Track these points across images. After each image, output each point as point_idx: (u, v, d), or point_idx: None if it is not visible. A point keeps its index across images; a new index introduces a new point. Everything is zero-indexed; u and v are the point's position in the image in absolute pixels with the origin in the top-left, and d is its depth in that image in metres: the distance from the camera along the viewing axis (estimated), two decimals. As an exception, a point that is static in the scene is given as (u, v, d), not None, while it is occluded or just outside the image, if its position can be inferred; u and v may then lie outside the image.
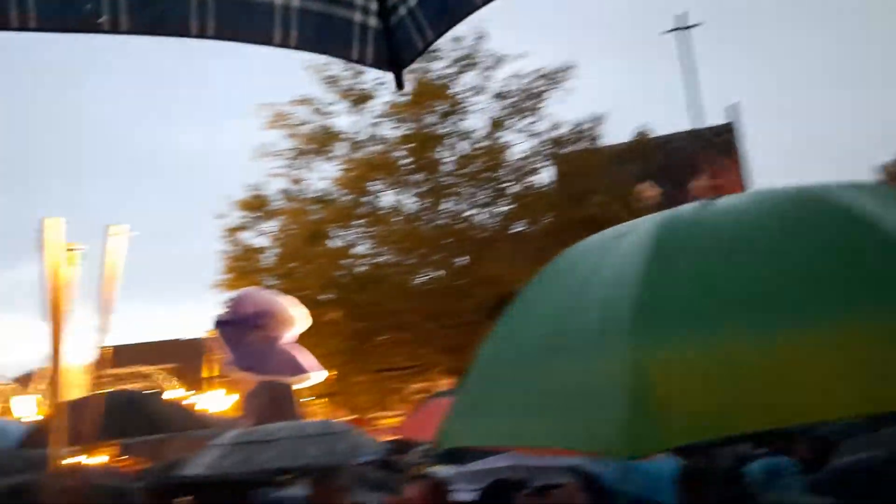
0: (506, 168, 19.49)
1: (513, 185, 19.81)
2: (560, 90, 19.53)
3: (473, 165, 19.22)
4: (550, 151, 19.78)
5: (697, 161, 19.02)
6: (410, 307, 17.83)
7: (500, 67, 19.49)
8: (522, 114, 19.59)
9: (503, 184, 19.62)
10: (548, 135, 19.68)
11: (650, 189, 19.48)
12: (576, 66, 19.61)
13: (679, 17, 19.30)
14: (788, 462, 4.25)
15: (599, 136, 19.90)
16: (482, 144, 19.43)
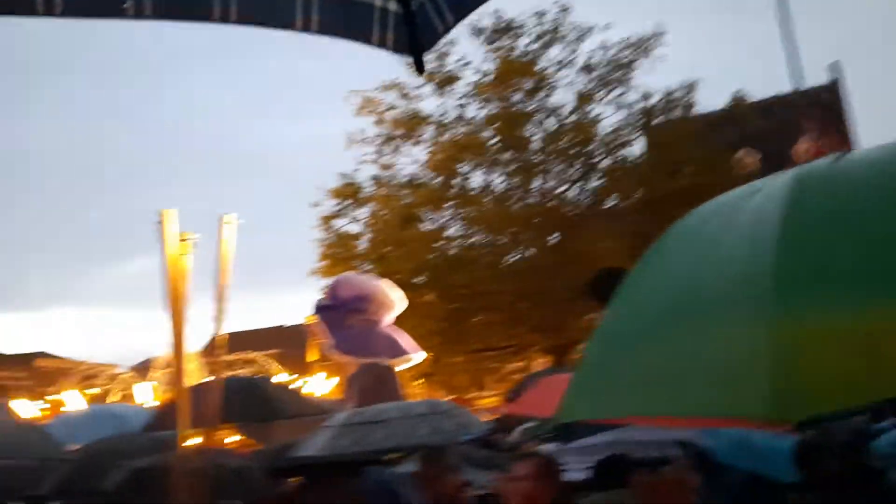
0: (595, 142, 19.14)
1: (603, 160, 19.46)
2: (649, 58, 19.04)
3: (562, 141, 18.97)
4: (641, 123, 19.30)
5: (799, 124, 18.11)
6: (503, 287, 17.80)
7: (586, 40, 19.16)
8: (611, 86, 19.18)
9: (593, 158, 19.30)
10: (638, 106, 19.23)
11: (749, 156, 18.67)
12: (665, 33, 19.05)
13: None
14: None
15: (692, 104, 19.29)
16: (570, 119, 19.13)
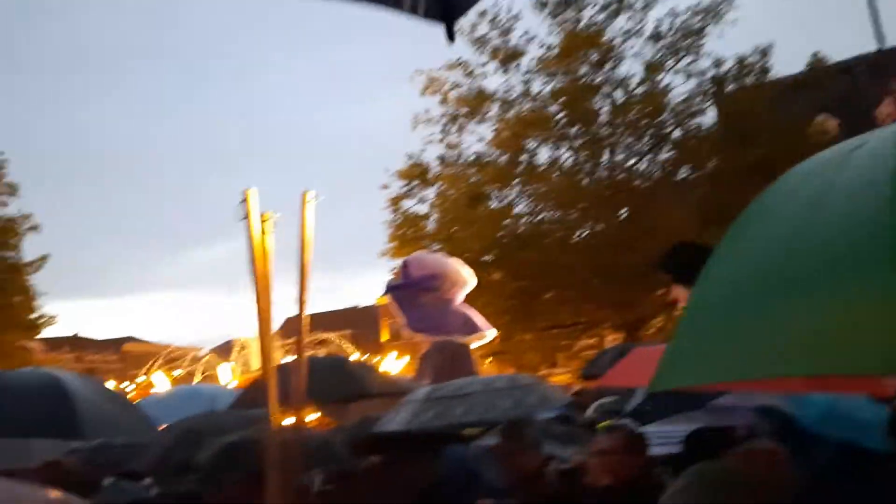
0: (665, 113, 18.69)
1: (674, 131, 19.01)
2: (720, 24, 18.43)
3: (631, 113, 18.58)
4: (713, 91, 18.74)
5: (882, 87, 17.26)
6: (573, 263, 17.63)
7: (653, 7, 18.68)
8: (680, 54, 18.67)
9: (663, 130, 18.87)
10: (709, 73, 18.68)
11: (828, 121, 17.93)
12: (737, -5, 18.37)
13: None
14: None
15: (767, 69, 18.62)
16: (639, 90, 18.72)
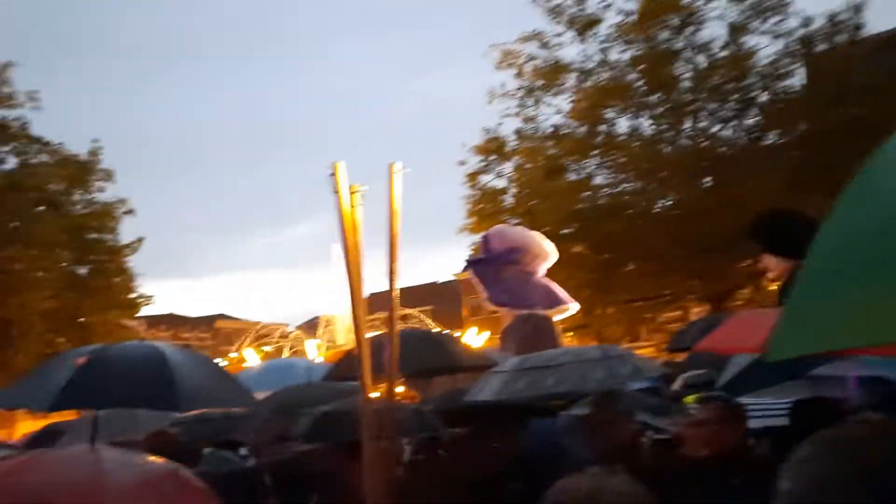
0: (751, 76, 17.95)
1: (760, 94, 18.25)
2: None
3: (714, 78, 17.93)
4: (802, 52, 17.86)
5: None
6: (656, 234, 17.25)
7: (737, -34, 17.89)
8: (766, 13, 17.84)
9: (749, 94, 18.13)
10: (797, 33, 17.79)
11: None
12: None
13: None
14: None
15: (860, 26, 17.61)
16: (723, 54, 18.03)
